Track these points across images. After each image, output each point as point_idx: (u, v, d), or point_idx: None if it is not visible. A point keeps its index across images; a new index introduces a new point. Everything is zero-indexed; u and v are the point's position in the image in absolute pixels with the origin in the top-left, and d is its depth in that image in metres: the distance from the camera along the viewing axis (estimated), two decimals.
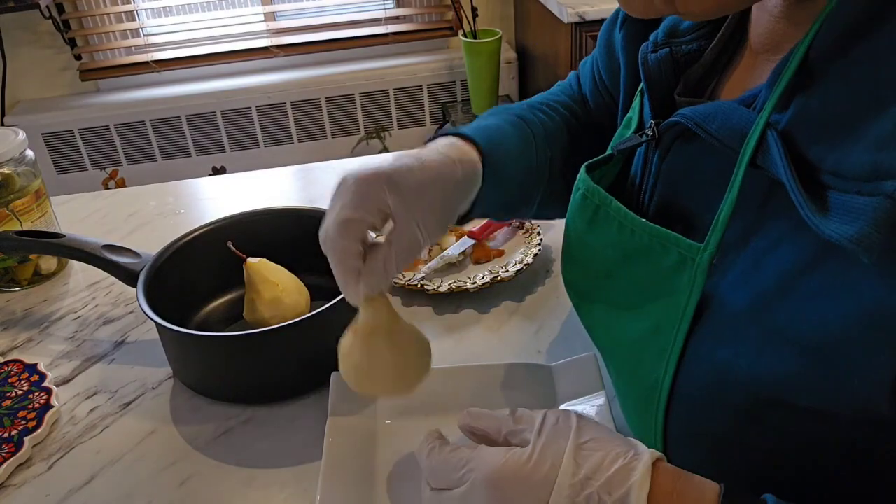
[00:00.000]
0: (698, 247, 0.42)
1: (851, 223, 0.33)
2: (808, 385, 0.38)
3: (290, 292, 0.78)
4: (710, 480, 0.41)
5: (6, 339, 0.85)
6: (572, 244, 0.55)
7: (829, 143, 0.36)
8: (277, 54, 2.59)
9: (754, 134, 0.39)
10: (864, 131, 0.34)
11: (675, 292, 0.44)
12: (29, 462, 0.68)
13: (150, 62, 2.55)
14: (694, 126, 0.43)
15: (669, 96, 0.49)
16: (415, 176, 0.53)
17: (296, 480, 0.64)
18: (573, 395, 0.66)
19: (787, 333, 0.38)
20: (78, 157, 2.59)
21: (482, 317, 0.83)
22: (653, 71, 0.49)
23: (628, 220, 0.48)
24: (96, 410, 0.74)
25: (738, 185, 0.40)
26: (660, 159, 0.49)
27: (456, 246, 0.92)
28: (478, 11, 2.51)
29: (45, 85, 2.58)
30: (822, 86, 0.37)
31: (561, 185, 0.68)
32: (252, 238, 0.81)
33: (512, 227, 0.96)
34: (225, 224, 0.85)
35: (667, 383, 0.45)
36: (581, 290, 0.56)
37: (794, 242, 0.39)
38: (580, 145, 0.70)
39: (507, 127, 0.64)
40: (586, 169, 0.53)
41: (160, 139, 2.58)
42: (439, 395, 0.69)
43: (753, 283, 0.41)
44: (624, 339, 0.50)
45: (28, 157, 0.93)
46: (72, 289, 0.94)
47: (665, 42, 0.49)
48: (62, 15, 2.47)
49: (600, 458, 0.41)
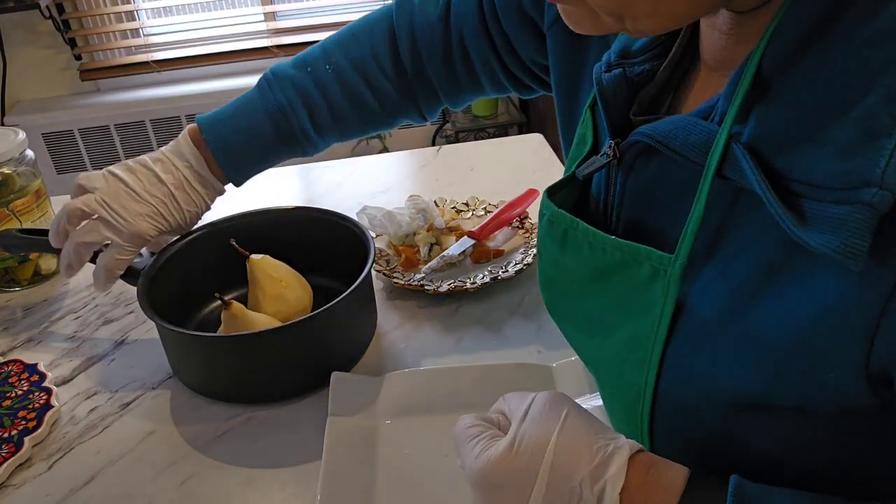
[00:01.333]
0: (669, 258, 0.43)
1: (834, 234, 0.33)
2: (787, 386, 0.39)
3: (294, 288, 0.78)
4: (681, 466, 0.42)
5: (6, 339, 0.85)
6: (547, 268, 0.56)
7: (794, 154, 0.36)
8: (277, 54, 2.59)
9: (718, 146, 0.40)
10: (828, 139, 0.35)
11: (651, 305, 0.45)
12: (29, 462, 0.68)
13: (150, 62, 2.55)
14: (657, 144, 0.44)
15: (625, 115, 0.50)
16: (127, 214, 0.73)
17: (296, 480, 0.64)
18: (573, 395, 0.66)
19: (758, 337, 0.39)
20: (78, 157, 2.59)
21: (482, 317, 0.83)
22: (607, 91, 0.49)
23: (598, 240, 0.48)
24: (96, 410, 0.74)
25: (704, 197, 0.41)
26: (624, 177, 0.49)
27: (456, 246, 0.92)
28: None
29: (45, 85, 2.59)
30: (778, 96, 0.37)
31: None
32: (252, 238, 0.81)
33: (512, 228, 0.96)
34: (225, 224, 0.84)
35: (648, 393, 0.46)
36: (561, 312, 0.57)
37: (759, 247, 0.39)
38: (376, 112, 0.80)
39: (257, 114, 0.77)
40: (548, 194, 0.53)
41: (160, 139, 2.58)
42: (439, 395, 0.69)
43: (722, 291, 0.41)
44: (605, 354, 0.50)
45: (28, 157, 0.93)
46: (72, 289, 0.94)
47: (618, 62, 0.50)
48: (62, 15, 2.47)
49: (581, 452, 0.41)
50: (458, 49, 0.76)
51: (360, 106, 0.78)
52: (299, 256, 0.81)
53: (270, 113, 0.76)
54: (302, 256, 0.82)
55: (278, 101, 0.76)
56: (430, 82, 0.79)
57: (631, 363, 0.47)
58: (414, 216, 0.95)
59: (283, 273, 0.78)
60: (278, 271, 0.78)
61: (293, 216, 0.86)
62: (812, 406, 0.39)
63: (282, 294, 0.77)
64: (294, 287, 0.78)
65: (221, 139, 0.76)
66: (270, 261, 0.78)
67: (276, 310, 0.76)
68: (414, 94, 0.80)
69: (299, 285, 0.79)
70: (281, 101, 0.76)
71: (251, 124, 0.76)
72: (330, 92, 0.77)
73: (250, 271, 0.77)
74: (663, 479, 0.41)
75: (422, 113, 0.82)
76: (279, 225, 0.85)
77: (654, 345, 0.44)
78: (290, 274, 0.79)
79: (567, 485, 0.41)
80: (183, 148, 0.76)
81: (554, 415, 0.44)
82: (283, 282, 0.77)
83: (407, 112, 0.82)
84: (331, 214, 0.84)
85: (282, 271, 0.78)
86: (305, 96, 0.76)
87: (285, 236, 0.84)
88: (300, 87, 0.76)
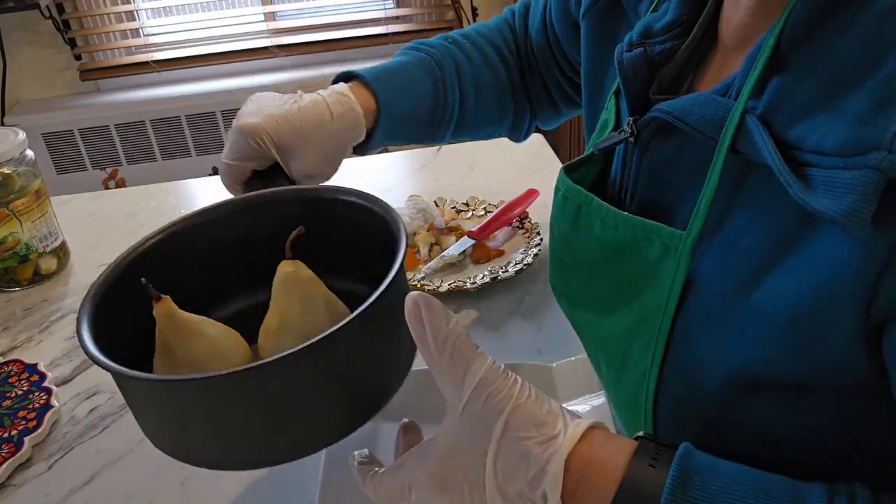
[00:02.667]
0: (680, 234, 0.44)
1: (841, 198, 0.34)
2: (790, 362, 0.39)
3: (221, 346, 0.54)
4: (628, 441, 0.40)
5: (6, 339, 0.85)
6: (558, 246, 0.57)
7: (807, 122, 0.37)
8: (277, 54, 2.59)
9: (732, 120, 0.40)
10: (842, 108, 0.35)
11: (660, 282, 0.45)
12: (29, 462, 0.68)
13: (150, 62, 2.55)
14: (673, 119, 0.44)
15: (645, 96, 0.51)
16: (290, 125, 0.67)
17: (295, 481, 0.64)
18: (573, 395, 0.66)
19: (765, 312, 0.39)
20: (78, 158, 2.59)
21: (482, 317, 0.83)
22: (627, 69, 0.50)
23: (610, 217, 0.49)
24: (96, 410, 0.74)
25: (718, 171, 0.41)
26: (640, 155, 0.50)
27: (456, 246, 0.92)
28: (478, 11, 2.51)
29: (45, 85, 2.58)
30: (795, 68, 0.39)
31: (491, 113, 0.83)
32: (243, 234, 0.60)
33: (512, 227, 0.96)
34: (205, 219, 0.60)
35: (653, 374, 0.46)
36: (569, 293, 0.57)
37: (768, 222, 0.40)
38: (504, 83, 0.83)
39: (412, 64, 0.76)
40: (565, 171, 0.54)
41: (160, 139, 2.58)
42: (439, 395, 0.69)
43: (731, 267, 0.42)
44: (613, 335, 0.50)
45: (28, 157, 0.93)
46: (72, 289, 0.94)
47: (639, 42, 0.51)
48: (62, 15, 2.47)
49: (518, 459, 0.39)
50: (532, 60, 0.83)
51: (495, 73, 0.82)
52: (316, 251, 0.55)
53: (424, 63, 0.78)
54: (318, 252, 0.56)
55: (430, 54, 0.79)
56: (527, 88, 0.85)
57: (638, 344, 0.47)
58: (414, 216, 0.95)
59: (206, 328, 0.54)
60: (200, 325, 0.53)
61: (296, 198, 0.61)
62: (813, 382, 0.39)
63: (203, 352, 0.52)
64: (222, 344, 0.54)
65: (387, 91, 0.74)
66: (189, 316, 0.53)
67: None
68: (523, 91, 0.85)
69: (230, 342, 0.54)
70: (433, 53, 0.79)
71: (411, 79, 0.76)
72: (472, 57, 0.81)
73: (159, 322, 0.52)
74: (604, 469, 0.38)
75: (516, 122, 0.87)
76: (277, 216, 0.60)
77: (662, 323, 0.45)
78: (216, 328, 0.54)
79: (510, 489, 0.39)
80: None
81: (494, 412, 0.40)
82: (204, 337, 0.53)
83: (516, 109, 0.85)
84: (345, 193, 0.59)
85: (213, 325, 0.54)
86: (452, 53, 0.80)
87: (285, 226, 0.55)
88: (445, 47, 0.80)
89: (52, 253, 0.96)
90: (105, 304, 0.51)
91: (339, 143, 0.70)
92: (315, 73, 2.61)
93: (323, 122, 0.69)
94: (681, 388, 0.45)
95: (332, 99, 0.70)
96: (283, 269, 0.53)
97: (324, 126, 0.69)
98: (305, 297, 0.53)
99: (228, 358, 0.53)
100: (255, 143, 0.67)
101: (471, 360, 0.41)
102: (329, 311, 0.54)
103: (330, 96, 0.70)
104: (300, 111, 0.68)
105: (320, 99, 0.70)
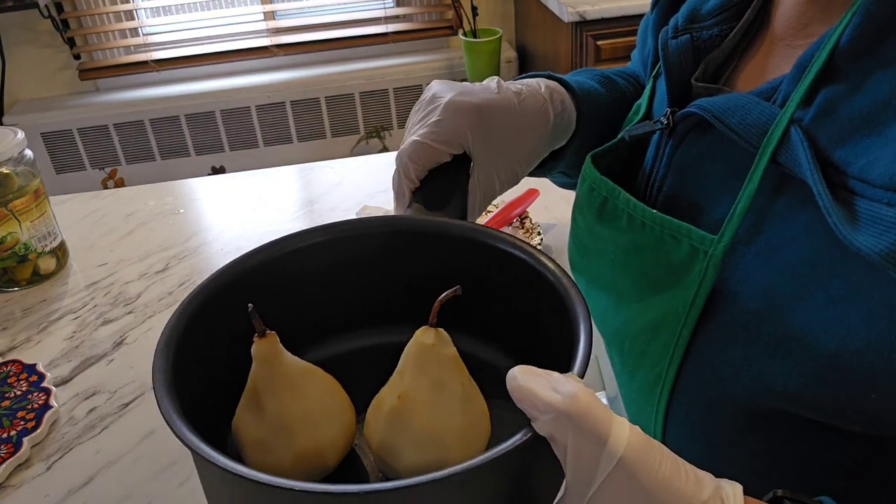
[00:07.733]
0: (712, 238, 0.41)
1: (881, 236, 0.32)
2: (819, 396, 0.36)
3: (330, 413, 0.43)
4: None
5: (5, 339, 0.85)
6: (582, 236, 0.54)
7: (854, 147, 0.35)
8: (277, 54, 2.58)
9: (777, 129, 0.38)
10: (892, 137, 0.33)
11: (684, 286, 0.43)
12: (28, 462, 0.68)
13: (149, 61, 2.55)
14: (712, 119, 0.42)
15: (686, 83, 0.48)
16: (508, 119, 0.51)
17: None
18: None
19: (802, 339, 0.37)
20: (77, 157, 2.59)
21: None
22: (672, 57, 0.48)
23: (638, 212, 0.47)
24: (95, 411, 0.74)
25: (757, 180, 0.39)
26: (673, 149, 0.47)
27: None
28: (478, 10, 2.51)
29: (44, 84, 2.58)
30: (849, 84, 0.36)
31: None
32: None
33: (512, 227, 0.96)
34: (328, 237, 0.48)
35: (670, 378, 0.44)
36: (589, 277, 0.55)
37: (811, 241, 0.37)
38: None
39: (597, 84, 0.61)
40: (592, 160, 0.51)
41: (159, 139, 2.58)
42: None
43: (765, 282, 0.39)
44: (630, 330, 0.49)
45: (27, 156, 0.93)
46: (70, 289, 0.94)
47: (685, 28, 0.48)
48: (61, 14, 2.46)
49: None
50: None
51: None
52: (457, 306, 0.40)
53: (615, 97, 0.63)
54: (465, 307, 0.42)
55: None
56: None
57: (655, 345, 0.45)
58: None
59: (317, 383, 0.43)
60: (313, 379, 0.42)
61: (463, 236, 0.47)
62: (841, 422, 0.37)
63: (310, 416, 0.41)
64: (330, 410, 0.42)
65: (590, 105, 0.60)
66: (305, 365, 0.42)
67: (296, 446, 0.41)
68: None
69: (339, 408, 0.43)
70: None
71: (608, 104, 0.61)
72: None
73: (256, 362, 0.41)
74: None
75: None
76: (429, 252, 0.47)
77: (683, 328, 0.43)
78: (326, 386, 0.43)
79: None
80: None
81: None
82: (314, 398, 0.42)
83: None
84: (522, 251, 0.44)
85: (318, 380, 0.43)
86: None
87: (427, 262, 0.47)
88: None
89: (50, 253, 0.96)
90: (188, 333, 0.43)
91: (543, 148, 0.56)
92: (315, 72, 2.61)
93: (537, 125, 0.53)
94: (696, 401, 0.43)
95: (556, 100, 0.55)
96: (422, 338, 0.40)
97: (537, 125, 0.53)
98: (439, 383, 0.40)
99: (324, 428, 0.42)
100: (468, 126, 0.50)
101: (605, 426, 0.30)
102: (463, 409, 0.40)
103: (545, 91, 0.55)
104: (521, 103, 0.53)
105: (539, 94, 0.54)
